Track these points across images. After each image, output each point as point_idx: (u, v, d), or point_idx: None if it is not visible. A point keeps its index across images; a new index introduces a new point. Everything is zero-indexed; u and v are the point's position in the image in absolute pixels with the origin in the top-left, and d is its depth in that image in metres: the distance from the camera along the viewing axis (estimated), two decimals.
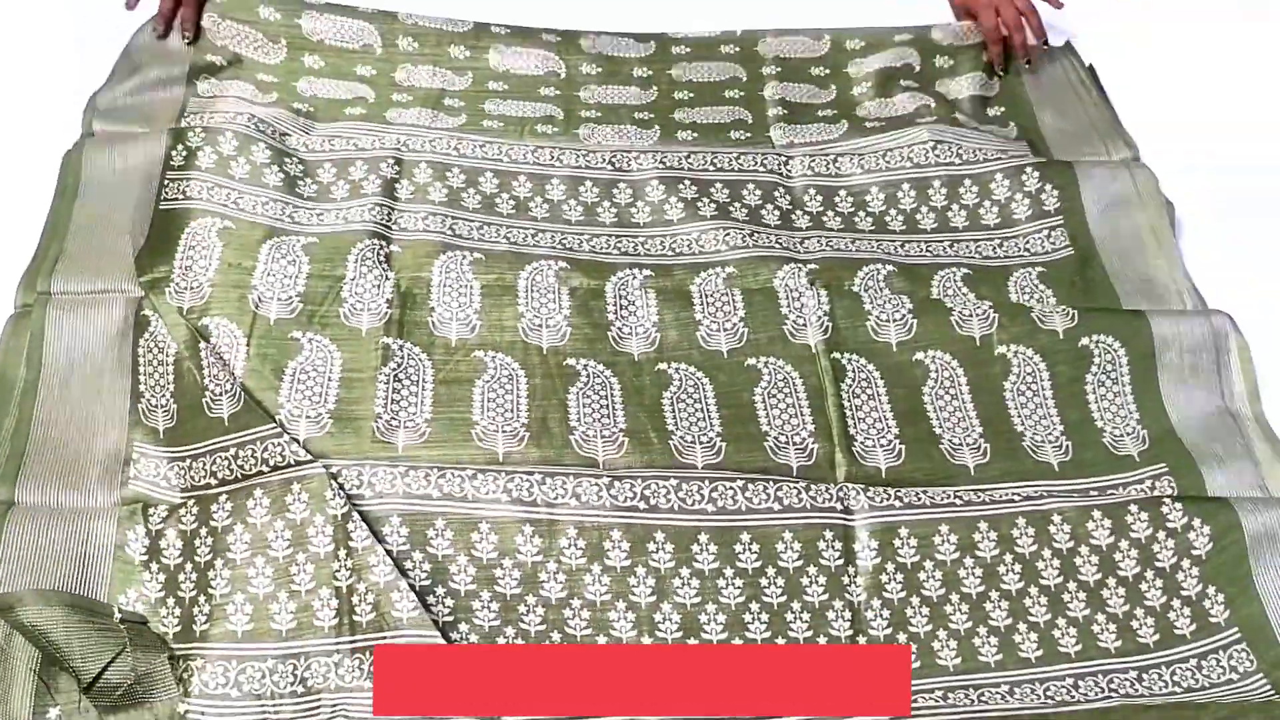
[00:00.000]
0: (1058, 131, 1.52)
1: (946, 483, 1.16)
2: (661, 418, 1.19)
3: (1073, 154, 1.48)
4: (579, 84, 1.56)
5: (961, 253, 1.37)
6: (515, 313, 1.27)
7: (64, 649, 1.00)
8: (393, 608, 1.04)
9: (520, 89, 1.54)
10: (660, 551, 1.10)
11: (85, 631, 1.01)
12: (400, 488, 1.11)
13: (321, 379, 1.19)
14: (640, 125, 1.50)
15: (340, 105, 1.49)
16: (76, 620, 1.01)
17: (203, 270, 1.25)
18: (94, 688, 0.99)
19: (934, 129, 1.46)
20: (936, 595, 1.10)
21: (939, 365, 1.26)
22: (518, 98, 1.53)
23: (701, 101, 1.55)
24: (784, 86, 1.57)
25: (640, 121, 1.51)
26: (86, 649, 1.00)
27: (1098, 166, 1.45)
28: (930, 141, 1.45)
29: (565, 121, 1.49)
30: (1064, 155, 1.47)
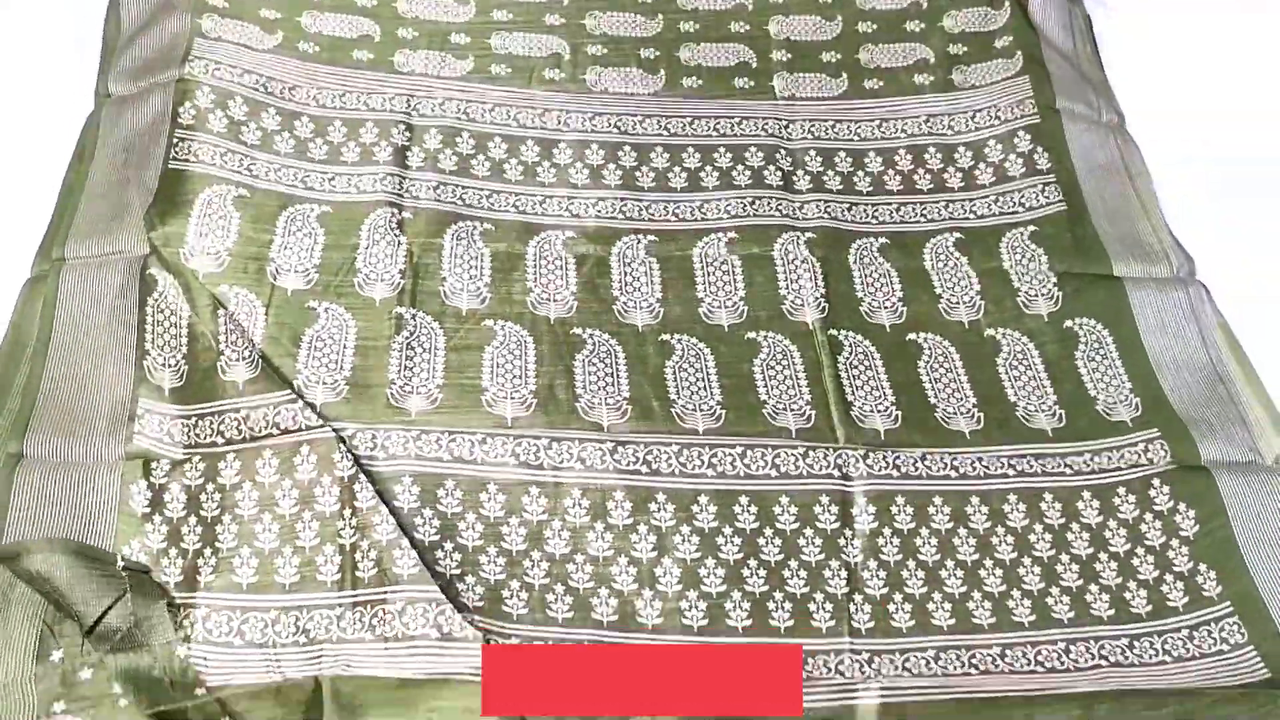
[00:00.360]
0: (1059, 67, 1.54)
1: (943, 445, 1.19)
2: (664, 386, 1.23)
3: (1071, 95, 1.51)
4: (583, 10, 1.57)
5: (956, 213, 1.40)
6: (524, 286, 1.30)
7: (67, 595, 1.02)
8: (394, 564, 1.07)
9: (525, 16, 1.55)
10: (661, 511, 1.13)
11: (88, 579, 1.03)
12: (412, 450, 1.14)
13: (337, 347, 1.22)
14: (646, 69, 1.52)
15: (347, 46, 1.49)
16: (80, 568, 1.03)
17: (220, 239, 1.27)
18: (95, 631, 1.01)
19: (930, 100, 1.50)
20: (932, 560, 1.13)
21: (932, 344, 1.29)
22: (523, 28, 1.54)
23: (706, 35, 1.56)
24: (790, 21, 1.58)
25: (646, 63, 1.52)
26: (89, 595, 1.02)
27: (1087, 131, 1.48)
28: (924, 116, 1.49)
29: (572, 63, 1.50)
30: (1064, 95, 1.50)
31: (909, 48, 1.57)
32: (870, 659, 1.06)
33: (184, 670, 1.01)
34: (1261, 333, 1.29)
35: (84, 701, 0.99)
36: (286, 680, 1.01)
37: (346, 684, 1.01)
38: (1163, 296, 1.32)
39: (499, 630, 1.05)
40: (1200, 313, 1.31)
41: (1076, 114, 1.50)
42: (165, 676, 1.01)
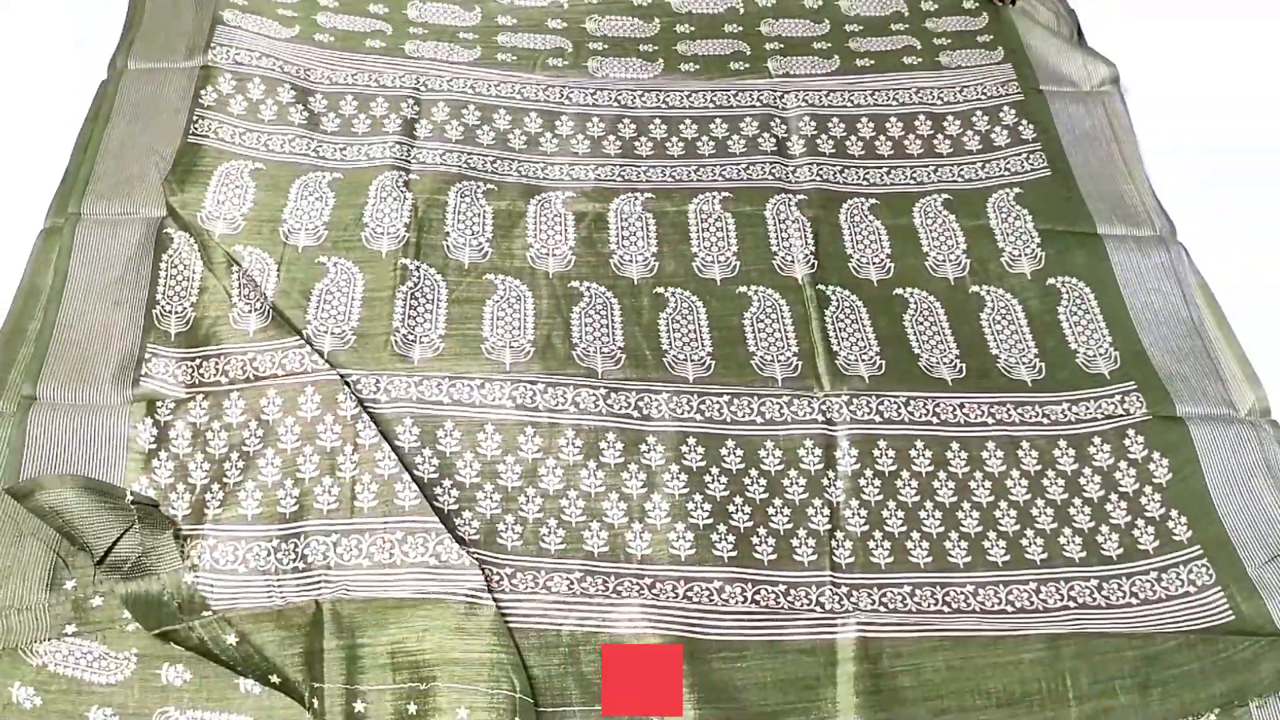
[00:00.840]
0: (1042, 51, 1.59)
1: (925, 389, 1.23)
2: (657, 337, 1.27)
3: (1055, 80, 1.56)
4: (583, 15, 1.63)
5: (945, 177, 1.45)
6: (524, 243, 1.35)
7: (79, 528, 1.07)
8: (395, 497, 1.11)
9: (528, 20, 1.62)
10: (651, 452, 1.18)
11: (99, 512, 1.07)
12: (414, 394, 1.19)
13: (345, 299, 1.27)
14: (646, 58, 1.58)
15: (360, 37, 1.56)
16: (91, 502, 1.08)
17: (236, 205, 1.33)
18: (105, 561, 1.06)
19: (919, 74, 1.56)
20: (912, 501, 1.16)
21: (918, 299, 1.33)
22: (527, 30, 1.61)
23: (701, 35, 1.63)
24: (779, 24, 1.65)
25: (646, 55, 1.59)
26: (100, 528, 1.07)
27: (1073, 103, 1.53)
28: (915, 87, 1.54)
29: (574, 54, 1.57)
30: (1047, 80, 1.55)
31: (896, 39, 1.63)
32: (850, 592, 1.10)
33: (190, 596, 1.05)
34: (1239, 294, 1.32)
35: (94, 625, 1.03)
36: (288, 604, 1.05)
37: (345, 607, 1.05)
38: (1144, 256, 1.36)
39: (494, 560, 1.09)
40: (1180, 271, 1.34)
41: (1061, 91, 1.54)
42: (172, 601, 1.05)
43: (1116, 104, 1.53)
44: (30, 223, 1.31)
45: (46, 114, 1.43)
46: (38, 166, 1.36)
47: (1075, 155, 1.46)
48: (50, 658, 1.02)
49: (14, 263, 1.28)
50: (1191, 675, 1.05)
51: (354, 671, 1.03)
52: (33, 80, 1.48)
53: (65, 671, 1.01)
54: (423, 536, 1.09)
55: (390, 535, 1.09)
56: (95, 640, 1.03)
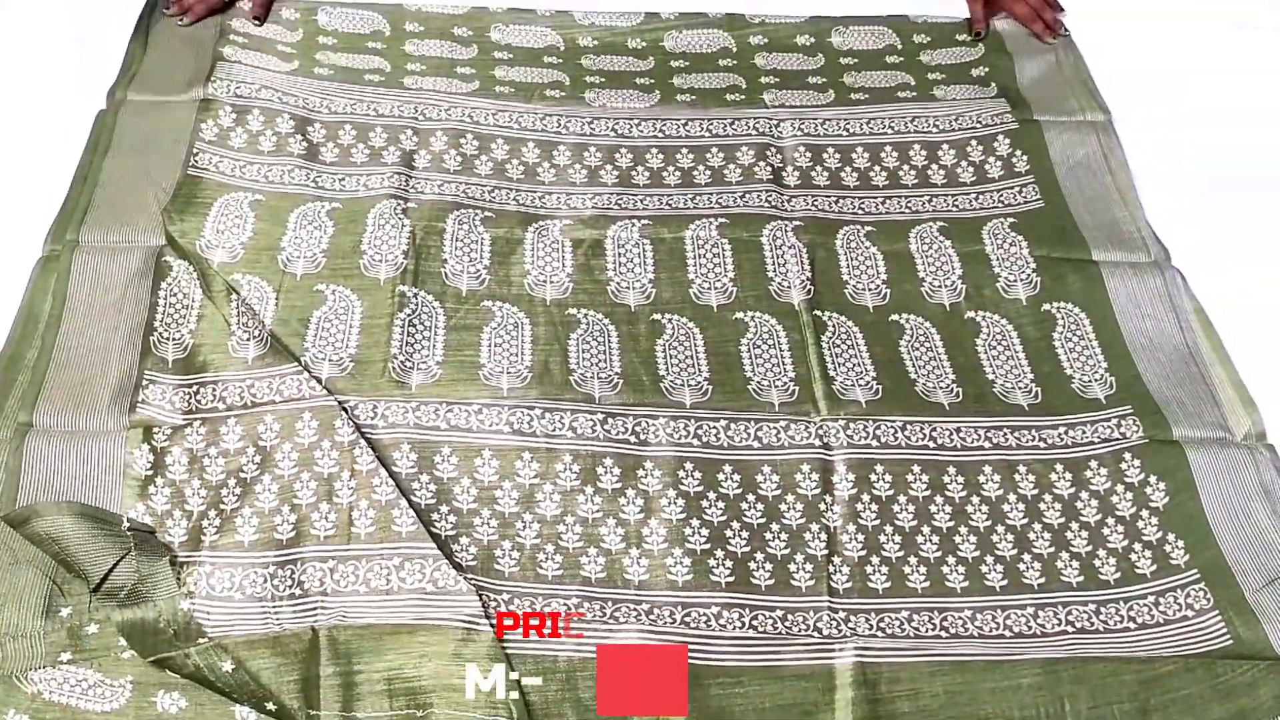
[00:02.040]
0: (1036, 89, 1.62)
1: (921, 413, 1.24)
2: (654, 363, 1.29)
3: (1049, 110, 1.58)
4: (579, 54, 1.66)
5: (939, 207, 1.47)
6: (522, 269, 1.37)
7: (75, 556, 1.08)
8: (393, 523, 1.13)
9: (525, 58, 1.65)
10: (649, 477, 1.19)
11: (95, 540, 1.08)
12: (411, 420, 1.21)
13: (343, 326, 1.29)
14: (642, 90, 1.61)
15: (359, 73, 1.59)
16: (87, 530, 1.09)
17: (236, 235, 1.36)
18: (101, 589, 1.07)
19: (914, 106, 1.58)
20: (909, 525, 1.17)
21: (914, 325, 1.35)
22: (524, 64, 1.64)
23: (697, 69, 1.65)
24: (773, 57, 1.68)
25: (642, 87, 1.61)
26: (96, 555, 1.08)
27: (1067, 131, 1.55)
28: (910, 116, 1.57)
29: (571, 86, 1.60)
30: (1041, 111, 1.58)
31: (890, 74, 1.65)
32: (847, 617, 1.11)
33: (186, 622, 1.06)
34: (1234, 319, 1.34)
35: (90, 653, 1.04)
36: (284, 631, 1.06)
37: (341, 633, 1.06)
38: (1139, 281, 1.38)
39: (491, 586, 1.11)
40: (1175, 297, 1.36)
41: (1056, 121, 1.56)
42: (168, 628, 1.06)
43: (1109, 132, 1.55)
44: (28, 251, 1.33)
45: (43, 143, 1.45)
46: (36, 195, 1.38)
47: (1069, 184, 1.49)
48: (45, 685, 1.02)
49: (12, 290, 1.29)
50: (1190, 700, 1.06)
51: (350, 698, 1.03)
52: (30, 108, 1.51)
53: (60, 699, 1.02)
54: (420, 562, 1.10)
55: (387, 561, 1.10)
56: (91, 667, 1.03)
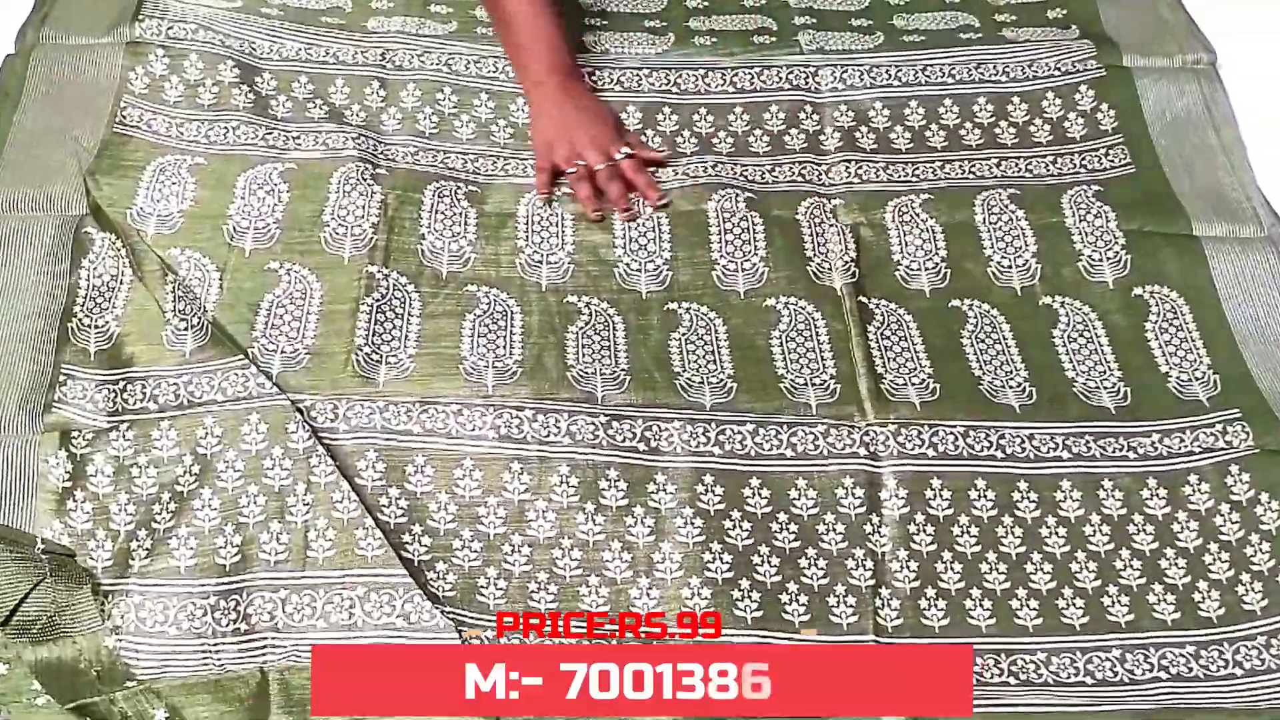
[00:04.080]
0: (1125, 30, 1.63)
1: (987, 417, 1.26)
2: (668, 357, 1.31)
3: (1141, 54, 1.59)
4: None
5: (1009, 172, 1.48)
6: (513, 246, 1.39)
7: None
8: (356, 545, 1.14)
9: None
10: (661, 492, 1.21)
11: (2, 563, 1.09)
12: (378, 422, 1.23)
13: (300, 312, 1.30)
14: (653, 33, 1.62)
15: (315, 13, 1.60)
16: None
17: (173, 202, 1.37)
18: (11, 622, 1.08)
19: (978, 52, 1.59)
20: (971, 551, 1.19)
21: (978, 313, 1.36)
22: None
23: (718, 8, 1.67)
24: None
25: (652, 30, 1.63)
26: (4, 583, 1.09)
27: (1162, 79, 1.56)
28: (974, 60, 1.58)
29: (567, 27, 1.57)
30: (1131, 55, 1.58)
31: (950, 14, 1.67)
32: None
33: (112, 663, 1.08)
34: None
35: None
36: (227, 673, 1.07)
37: (296, 676, 1.07)
38: (1247, 259, 1.39)
39: (474, 621, 1.13)
40: None
41: (1150, 68, 1.58)
42: (90, 669, 1.07)
43: (1214, 80, 1.56)
44: None
45: None
46: None
47: (1165, 143, 1.50)
48: None
49: None
50: None
51: None
52: None
53: None
54: (388, 593, 1.12)
55: (350, 591, 1.12)
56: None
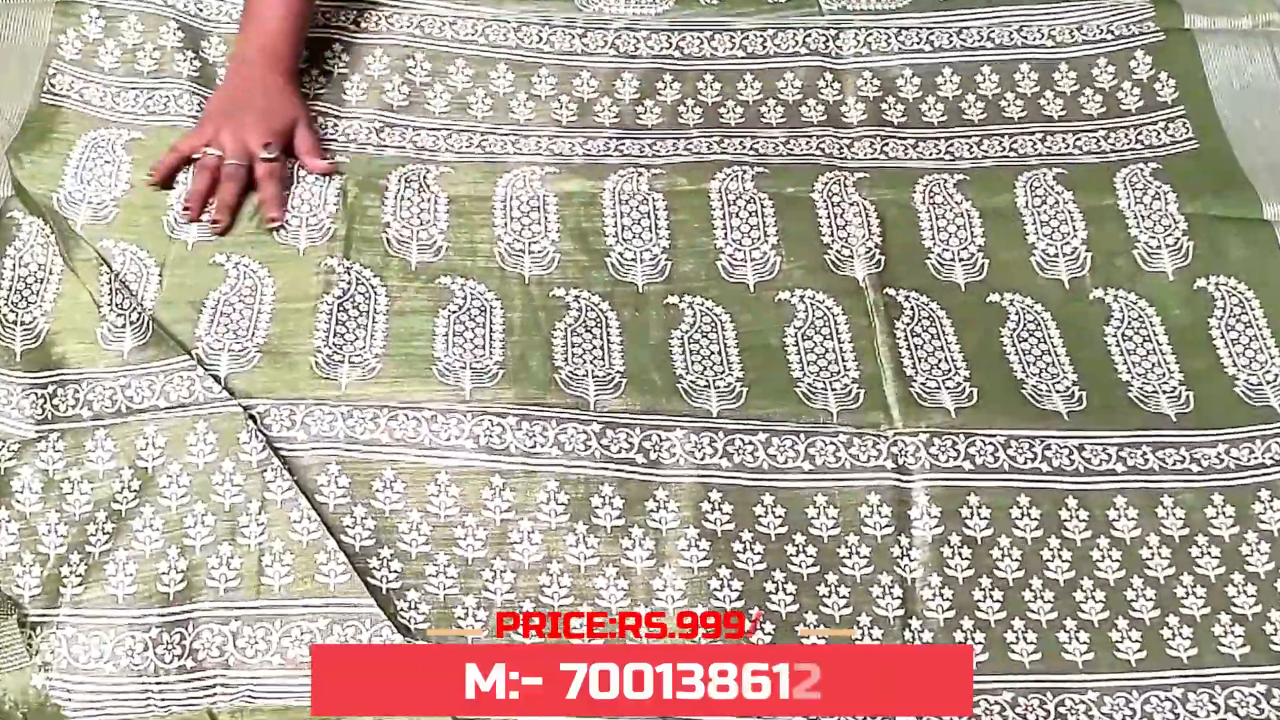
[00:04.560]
0: None
1: (1031, 425, 1.23)
2: (669, 358, 1.28)
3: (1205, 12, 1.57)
4: None
5: (1055, 148, 1.46)
6: (491, 234, 1.36)
7: None
8: (317, 571, 1.11)
9: None
10: (661, 511, 1.18)
11: None
12: (341, 431, 1.20)
13: (249, 311, 1.28)
14: None
15: None
16: None
17: (107, 188, 1.36)
18: None
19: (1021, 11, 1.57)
20: (1013, 578, 1.16)
21: (1021, 308, 1.34)
22: None
23: None
24: None
25: None
26: None
27: (1230, 43, 1.54)
28: (1016, 22, 1.55)
29: None
30: (1195, 14, 1.56)
31: None
32: None
33: (40, 703, 1.06)
34: None
35: None
36: (170, 715, 1.05)
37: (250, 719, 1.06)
38: None
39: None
40: None
41: (1215, 28, 1.55)
42: (16, 710, 1.05)
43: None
44: None
45: None
46: None
47: (1233, 115, 1.49)
48: None
49: None
50: None
51: None
52: None
53: None
54: (354, 625, 1.09)
55: (310, 623, 1.10)
56: None
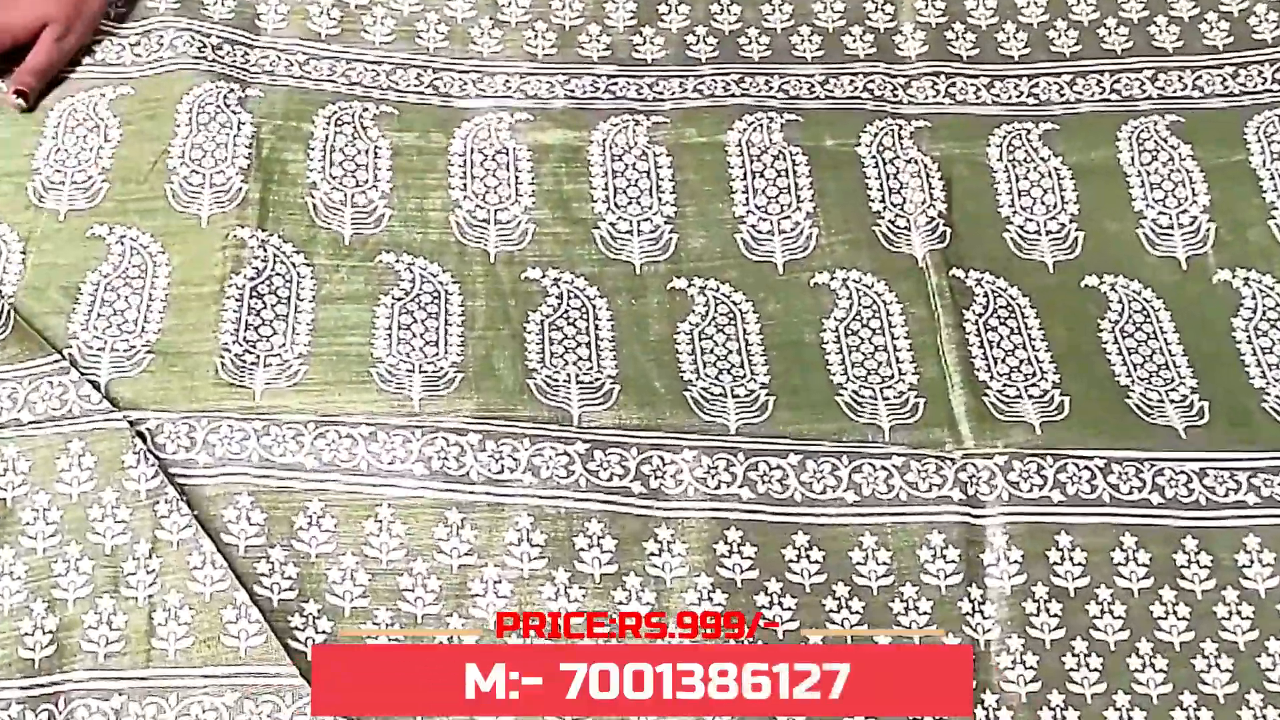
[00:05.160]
0: None
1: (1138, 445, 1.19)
2: (674, 358, 1.25)
3: None
4: None
5: (1169, 88, 1.45)
6: (446, 198, 1.35)
7: None
8: (224, 632, 1.07)
9: None
10: (665, 553, 1.13)
11: None
12: (255, 451, 1.17)
13: (138, 297, 1.26)
14: None
15: None
16: None
17: None
18: None
19: None
20: (1115, 640, 1.11)
21: (1125, 294, 1.31)
22: None
23: None
24: None
25: None
26: None
27: None
28: None
29: None
30: None
31: None
32: None
33: None
34: None
35: None
36: None
37: None
38: None
39: None
40: None
41: None
42: None
43: None
44: None
45: None
46: None
47: None
48: None
49: None
50: None
51: None
52: None
53: None
54: (271, 702, 1.05)
55: (215, 698, 1.05)
56: None
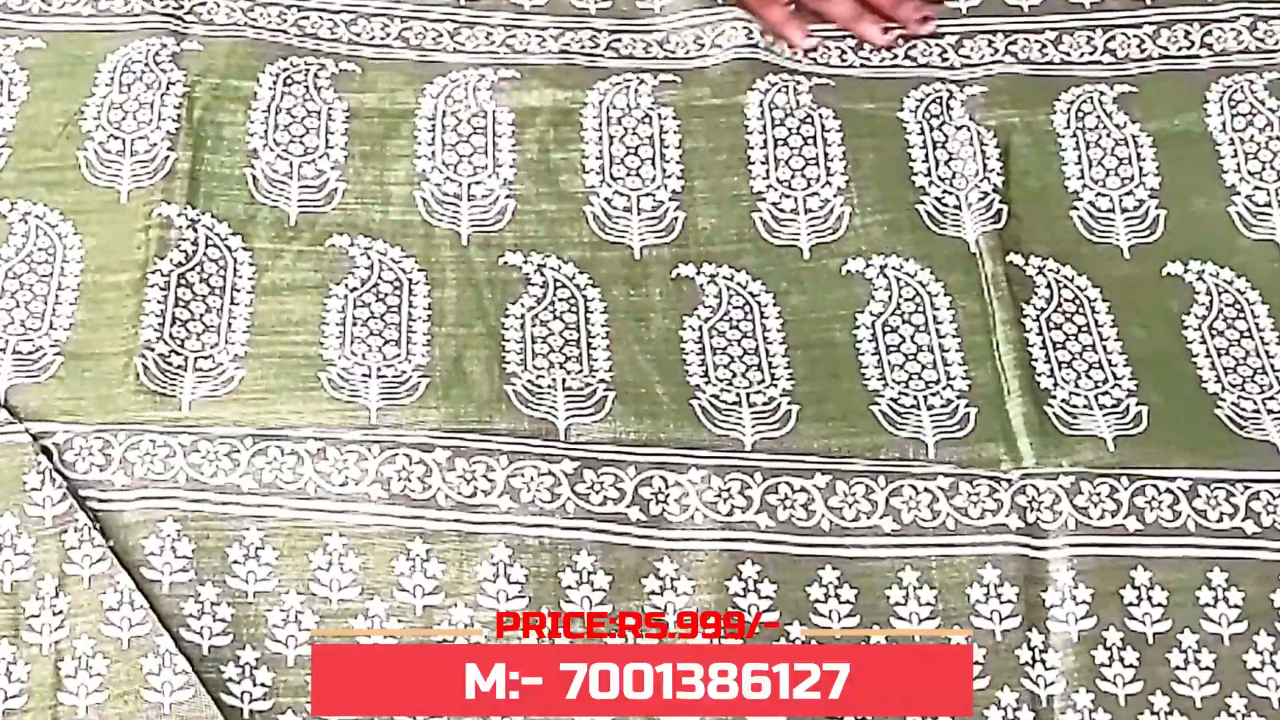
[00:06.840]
0: None
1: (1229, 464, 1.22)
2: (679, 359, 1.28)
3: None
4: None
5: (1267, 40, 1.47)
6: (411, 169, 1.37)
7: None
8: (145, 684, 1.10)
9: None
10: (668, 592, 1.16)
11: None
12: (182, 471, 1.20)
13: (45, 284, 1.30)
14: None
15: None
16: None
17: None
18: None
19: None
20: (1200, 696, 1.14)
21: (1214, 284, 1.34)
22: None
23: None
24: None
25: None
26: None
27: None
28: None
29: None
30: None
31: None
32: None
33: None
34: None
35: None
36: None
37: None
38: None
39: None
40: None
41: None
42: None
43: None
44: None
45: None
46: None
47: None
48: None
49: None
50: None
51: None
52: None
53: None
54: None
55: None
56: None
